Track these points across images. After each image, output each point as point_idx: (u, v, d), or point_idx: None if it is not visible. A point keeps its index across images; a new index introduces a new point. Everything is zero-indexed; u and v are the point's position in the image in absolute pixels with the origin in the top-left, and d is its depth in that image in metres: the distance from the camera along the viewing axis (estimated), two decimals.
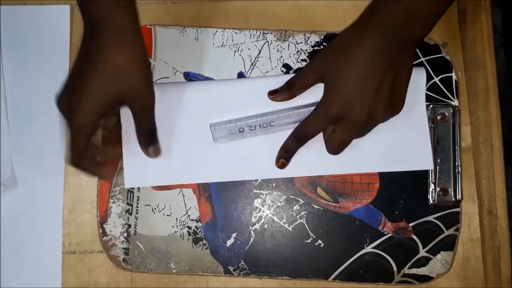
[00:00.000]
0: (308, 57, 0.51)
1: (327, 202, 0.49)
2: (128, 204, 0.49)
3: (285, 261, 0.49)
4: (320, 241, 0.49)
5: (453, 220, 0.49)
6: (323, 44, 0.51)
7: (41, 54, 0.51)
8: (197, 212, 0.49)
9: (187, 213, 0.49)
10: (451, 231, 0.49)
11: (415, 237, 0.49)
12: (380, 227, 0.49)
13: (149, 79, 0.42)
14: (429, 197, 0.49)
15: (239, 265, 0.49)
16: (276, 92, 0.47)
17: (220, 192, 0.49)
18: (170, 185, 0.49)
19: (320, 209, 0.49)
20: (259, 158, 0.49)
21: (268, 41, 0.51)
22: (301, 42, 0.51)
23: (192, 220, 0.49)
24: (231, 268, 0.48)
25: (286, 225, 0.49)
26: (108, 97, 0.40)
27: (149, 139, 0.45)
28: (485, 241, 0.49)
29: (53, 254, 0.48)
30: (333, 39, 0.45)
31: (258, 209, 0.49)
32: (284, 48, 0.51)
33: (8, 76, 0.50)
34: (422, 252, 0.49)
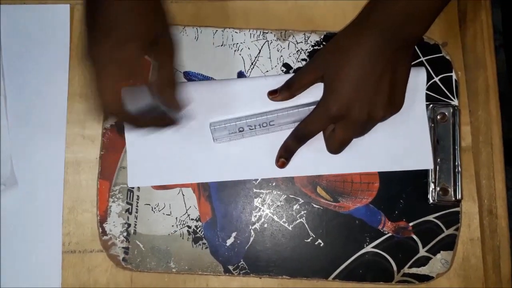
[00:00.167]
0: (308, 56, 0.51)
1: (327, 202, 0.49)
2: (128, 203, 0.49)
3: (285, 260, 0.49)
4: (320, 240, 0.49)
5: (453, 219, 0.49)
6: (323, 43, 0.51)
7: (41, 53, 0.51)
8: (197, 211, 0.49)
9: (187, 212, 0.49)
10: (451, 230, 0.49)
11: (415, 236, 0.49)
12: (380, 227, 0.49)
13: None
14: (429, 196, 0.49)
15: (239, 264, 0.49)
16: (275, 92, 0.48)
17: (220, 191, 0.49)
18: (170, 184, 0.49)
19: (320, 208, 0.49)
20: (259, 157, 0.49)
21: (268, 41, 0.51)
22: (301, 42, 0.51)
23: (192, 219, 0.49)
24: (231, 268, 0.48)
25: (286, 225, 0.49)
26: (151, 33, 0.39)
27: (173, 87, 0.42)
28: (485, 240, 0.49)
29: (52, 253, 0.48)
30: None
31: (258, 208, 0.49)
32: (284, 48, 0.51)
33: (8, 75, 0.50)
34: (422, 252, 0.49)
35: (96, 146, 0.50)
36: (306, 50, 0.51)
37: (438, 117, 0.50)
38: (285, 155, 0.47)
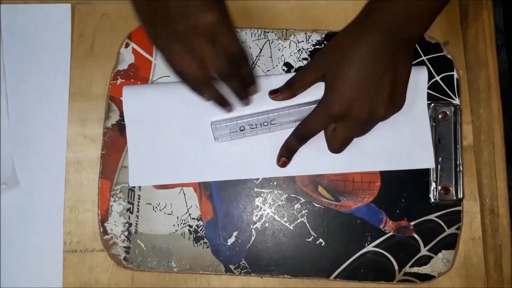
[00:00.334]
0: (309, 55, 0.51)
1: (328, 201, 0.49)
2: (129, 202, 0.49)
3: (286, 259, 0.49)
4: (321, 239, 0.49)
5: (454, 218, 0.49)
6: (324, 43, 0.51)
7: (42, 53, 0.51)
8: (198, 210, 0.49)
9: (188, 211, 0.49)
10: (452, 229, 0.49)
11: (416, 235, 0.49)
12: (381, 226, 0.49)
13: None
14: (431, 195, 0.49)
15: (240, 263, 0.48)
16: (276, 92, 0.48)
17: (221, 190, 0.49)
18: (171, 183, 0.49)
19: (321, 208, 0.49)
20: (260, 157, 0.49)
21: (269, 40, 0.51)
22: (302, 41, 0.51)
23: (193, 218, 0.49)
24: (232, 267, 0.48)
25: (287, 224, 0.49)
26: None
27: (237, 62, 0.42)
28: (486, 240, 0.49)
29: (54, 252, 0.48)
30: None
31: (259, 207, 0.49)
32: (285, 47, 0.51)
33: (9, 75, 0.50)
34: (424, 251, 0.49)
35: (97, 145, 0.50)
36: (307, 49, 0.51)
37: (440, 116, 0.49)
38: (286, 154, 0.47)
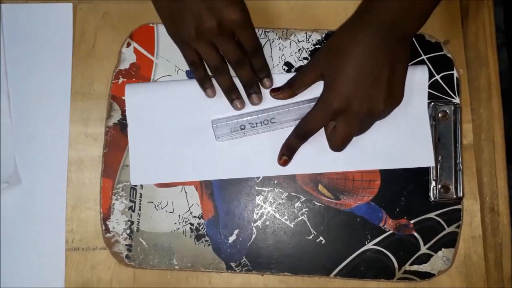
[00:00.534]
0: (309, 55, 0.51)
1: (328, 199, 0.50)
2: (131, 201, 0.49)
3: (287, 257, 0.49)
4: (321, 238, 0.49)
5: (454, 217, 0.49)
6: (324, 42, 0.51)
7: (44, 52, 0.51)
8: (199, 209, 0.49)
9: (189, 210, 0.49)
10: (452, 228, 0.49)
11: (416, 234, 0.49)
12: (381, 224, 0.49)
13: None
14: (430, 194, 0.49)
15: (241, 261, 0.49)
16: (278, 90, 0.48)
17: (222, 189, 0.49)
18: (172, 182, 0.49)
19: (322, 206, 0.49)
20: (260, 155, 0.49)
21: (270, 40, 0.51)
22: (303, 41, 0.51)
23: (195, 217, 0.49)
24: (233, 265, 0.49)
25: (287, 222, 0.49)
26: None
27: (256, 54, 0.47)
28: (487, 238, 0.49)
29: (56, 250, 0.49)
30: None
31: (260, 206, 0.50)
32: (285, 47, 0.51)
33: (11, 74, 0.51)
34: (423, 249, 0.49)
35: (99, 144, 0.50)
36: (308, 49, 0.51)
37: (440, 115, 0.50)
38: (287, 153, 0.48)
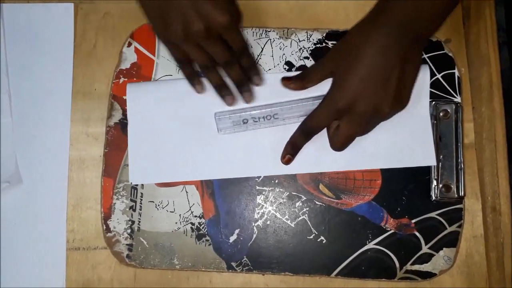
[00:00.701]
0: (310, 54, 0.51)
1: (329, 199, 0.49)
2: (131, 200, 0.49)
3: (288, 257, 0.49)
4: (322, 237, 0.49)
5: (455, 216, 0.49)
6: (325, 41, 0.51)
7: (45, 52, 0.51)
8: (200, 208, 0.49)
9: (190, 209, 0.49)
10: (453, 227, 0.49)
11: (417, 233, 0.49)
12: (382, 224, 0.49)
13: None
14: (432, 193, 0.49)
15: (242, 261, 0.49)
16: (289, 79, 0.48)
17: (223, 188, 0.49)
18: (173, 181, 0.49)
19: (323, 205, 0.49)
20: (262, 154, 0.49)
21: (270, 39, 0.51)
22: (304, 40, 0.51)
23: (195, 216, 0.49)
24: (234, 264, 0.49)
25: (288, 222, 0.49)
26: None
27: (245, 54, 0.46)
28: (488, 237, 0.49)
29: (57, 250, 0.49)
30: (335, 36, 0.45)
31: (261, 205, 0.50)
32: (286, 46, 0.51)
33: (12, 74, 0.51)
34: (425, 249, 0.49)
35: (100, 144, 0.50)
36: (309, 48, 0.51)
37: (441, 114, 0.49)
38: (291, 151, 0.48)
